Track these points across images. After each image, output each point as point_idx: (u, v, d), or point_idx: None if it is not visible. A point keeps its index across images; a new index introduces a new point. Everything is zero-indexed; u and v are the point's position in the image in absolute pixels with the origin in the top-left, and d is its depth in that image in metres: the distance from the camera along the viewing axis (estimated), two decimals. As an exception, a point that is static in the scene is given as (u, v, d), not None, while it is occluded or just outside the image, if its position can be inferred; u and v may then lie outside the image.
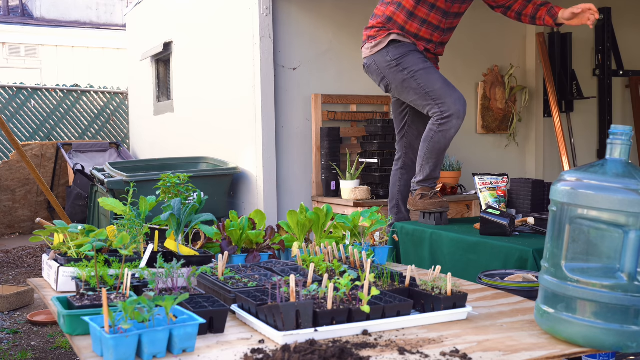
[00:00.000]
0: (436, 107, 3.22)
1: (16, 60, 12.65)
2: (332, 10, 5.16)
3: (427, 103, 3.25)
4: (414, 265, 2.14)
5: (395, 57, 3.33)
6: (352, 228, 2.69)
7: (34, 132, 8.84)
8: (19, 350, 3.69)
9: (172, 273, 1.84)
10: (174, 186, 2.68)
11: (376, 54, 3.40)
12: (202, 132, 6.24)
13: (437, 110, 3.22)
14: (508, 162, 5.91)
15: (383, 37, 3.37)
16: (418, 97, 3.30)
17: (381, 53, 3.38)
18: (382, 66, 3.39)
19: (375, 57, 3.41)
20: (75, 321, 1.67)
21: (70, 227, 2.43)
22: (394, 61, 3.34)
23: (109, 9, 14.02)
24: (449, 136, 3.23)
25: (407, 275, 2.00)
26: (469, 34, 5.54)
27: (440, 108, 3.21)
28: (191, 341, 1.53)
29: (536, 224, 3.07)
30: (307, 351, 1.48)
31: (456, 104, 3.18)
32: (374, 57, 3.43)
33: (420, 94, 3.28)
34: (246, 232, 2.66)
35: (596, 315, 1.60)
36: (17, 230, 7.90)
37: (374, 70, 3.46)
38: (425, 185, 3.40)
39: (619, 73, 6.23)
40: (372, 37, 3.42)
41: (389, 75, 3.38)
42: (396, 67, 3.33)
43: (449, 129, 3.21)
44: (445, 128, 3.20)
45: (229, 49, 5.46)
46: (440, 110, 3.20)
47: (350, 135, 5.07)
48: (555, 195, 1.71)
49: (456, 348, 1.58)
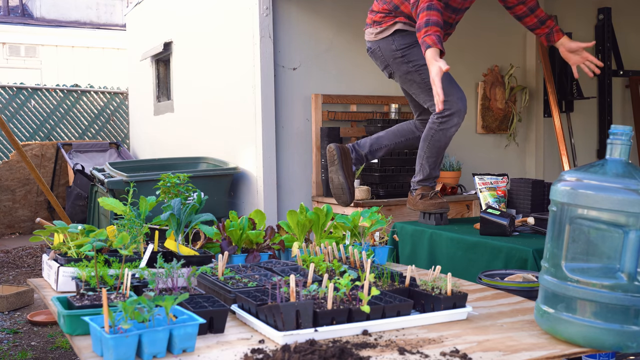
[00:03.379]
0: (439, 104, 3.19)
1: (16, 60, 12.66)
2: (332, 10, 5.16)
3: (430, 99, 3.20)
4: (414, 265, 2.14)
5: (401, 47, 3.24)
6: (352, 228, 2.69)
7: (34, 132, 8.84)
8: (19, 350, 3.69)
9: (172, 273, 1.84)
10: (174, 186, 2.68)
11: (381, 40, 3.30)
12: (202, 132, 6.24)
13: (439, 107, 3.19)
14: (508, 162, 5.91)
15: (389, 24, 3.26)
16: (421, 91, 3.26)
17: (386, 40, 3.28)
18: (386, 54, 3.30)
19: (380, 43, 3.31)
20: (75, 321, 1.67)
21: (70, 227, 2.43)
22: (399, 51, 3.25)
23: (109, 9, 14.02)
24: (449, 134, 3.20)
25: (407, 275, 2.00)
26: (469, 34, 5.54)
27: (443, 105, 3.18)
28: (191, 341, 1.53)
29: (536, 224, 3.07)
30: (307, 351, 1.48)
31: (458, 102, 3.14)
32: (378, 43, 3.32)
33: (423, 88, 3.23)
34: (246, 232, 2.66)
35: (596, 315, 1.60)
36: (17, 230, 7.91)
37: (378, 56, 3.36)
38: (425, 184, 3.39)
39: (619, 73, 6.24)
40: (378, 22, 3.31)
41: (393, 65, 3.31)
42: (401, 58, 3.26)
43: (449, 127, 3.17)
44: (446, 126, 3.17)
45: (229, 49, 5.46)
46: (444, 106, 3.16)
47: (350, 135, 5.07)
48: (555, 195, 1.71)
49: (456, 348, 1.58)
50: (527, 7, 3.33)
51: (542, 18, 3.33)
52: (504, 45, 5.88)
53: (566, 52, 3.35)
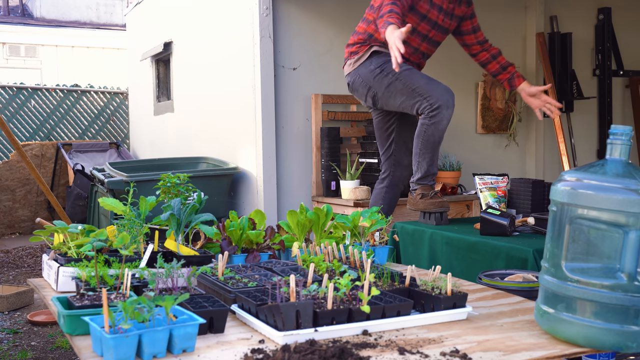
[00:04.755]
0: (425, 102, 3.25)
1: (16, 60, 12.66)
2: (332, 10, 5.16)
3: (416, 100, 3.28)
4: (414, 265, 2.14)
5: (379, 64, 3.39)
6: (352, 228, 2.69)
7: (34, 132, 8.84)
8: (19, 350, 3.69)
9: (172, 273, 1.84)
10: (174, 186, 2.68)
11: (359, 67, 3.47)
12: (202, 132, 6.24)
13: (426, 104, 3.24)
14: (508, 162, 5.91)
15: (365, 49, 3.45)
16: (406, 97, 3.33)
17: (364, 64, 3.45)
18: (366, 77, 3.45)
19: (359, 70, 3.48)
20: (75, 321, 1.67)
21: (70, 227, 2.43)
22: (377, 68, 3.40)
23: (109, 9, 14.02)
24: (441, 127, 3.25)
25: (407, 275, 2.00)
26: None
27: (429, 101, 3.23)
28: (191, 341, 1.53)
29: (536, 224, 3.07)
30: (307, 351, 1.48)
31: (443, 94, 3.22)
32: (357, 71, 3.49)
33: (406, 93, 3.31)
34: (246, 232, 2.66)
35: (596, 315, 1.60)
36: (17, 230, 7.91)
37: (358, 85, 3.52)
38: (424, 183, 3.40)
39: (619, 73, 6.24)
40: (354, 52, 3.51)
41: (375, 83, 3.43)
42: (380, 74, 3.39)
43: (440, 120, 3.23)
44: (436, 120, 3.23)
45: (229, 49, 5.46)
46: (429, 103, 3.22)
47: (350, 135, 5.07)
48: (555, 195, 1.71)
49: (456, 348, 1.58)
50: (489, 54, 3.61)
51: (504, 64, 3.59)
52: (504, 46, 5.85)
53: (527, 97, 3.53)
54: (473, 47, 3.61)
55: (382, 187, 3.71)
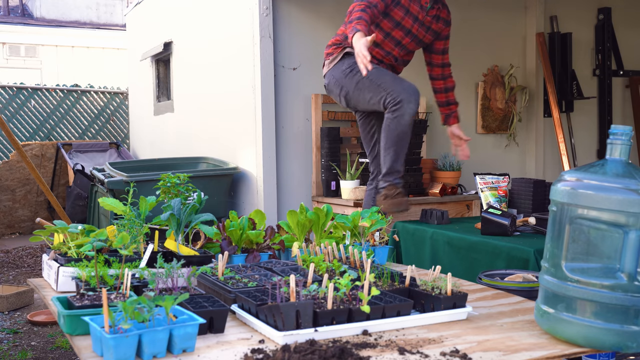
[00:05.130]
0: (389, 96, 3.31)
1: (16, 60, 12.66)
2: (332, 10, 5.16)
3: (381, 96, 3.35)
4: (414, 265, 2.14)
5: (350, 65, 3.48)
6: (352, 228, 2.69)
7: (34, 132, 8.84)
8: (19, 350, 3.69)
9: (172, 273, 1.83)
10: (174, 186, 2.68)
11: (333, 68, 3.57)
12: (202, 132, 6.24)
13: (390, 99, 3.31)
14: (508, 162, 5.91)
15: (339, 51, 3.56)
16: (373, 94, 3.40)
17: (337, 65, 3.55)
18: (338, 77, 3.54)
19: (333, 71, 3.58)
20: (75, 321, 1.67)
21: (70, 227, 2.43)
22: (348, 68, 3.48)
23: (109, 9, 14.02)
24: (403, 122, 3.30)
25: (407, 275, 2.00)
26: (469, 34, 5.54)
27: (392, 95, 3.30)
28: (191, 341, 1.53)
29: (537, 224, 3.07)
30: (307, 351, 1.48)
31: (407, 89, 3.29)
32: (332, 73, 3.58)
33: (373, 89, 3.38)
34: (246, 232, 2.66)
35: (596, 315, 1.59)
36: (17, 230, 7.91)
37: (333, 85, 3.60)
38: (389, 180, 3.39)
39: (619, 73, 6.23)
40: (330, 54, 3.62)
41: (346, 82, 3.51)
42: (350, 73, 3.47)
43: (402, 115, 3.28)
44: (398, 114, 3.28)
45: (229, 49, 5.46)
46: (392, 97, 3.29)
47: (350, 135, 5.07)
48: (555, 195, 1.71)
49: (456, 348, 1.58)
50: (444, 86, 3.78)
51: (450, 101, 3.80)
52: (504, 45, 5.88)
53: (452, 134, 3.84)
54: (435, 69, 3.76)
55: (372, 188, 3.74)
